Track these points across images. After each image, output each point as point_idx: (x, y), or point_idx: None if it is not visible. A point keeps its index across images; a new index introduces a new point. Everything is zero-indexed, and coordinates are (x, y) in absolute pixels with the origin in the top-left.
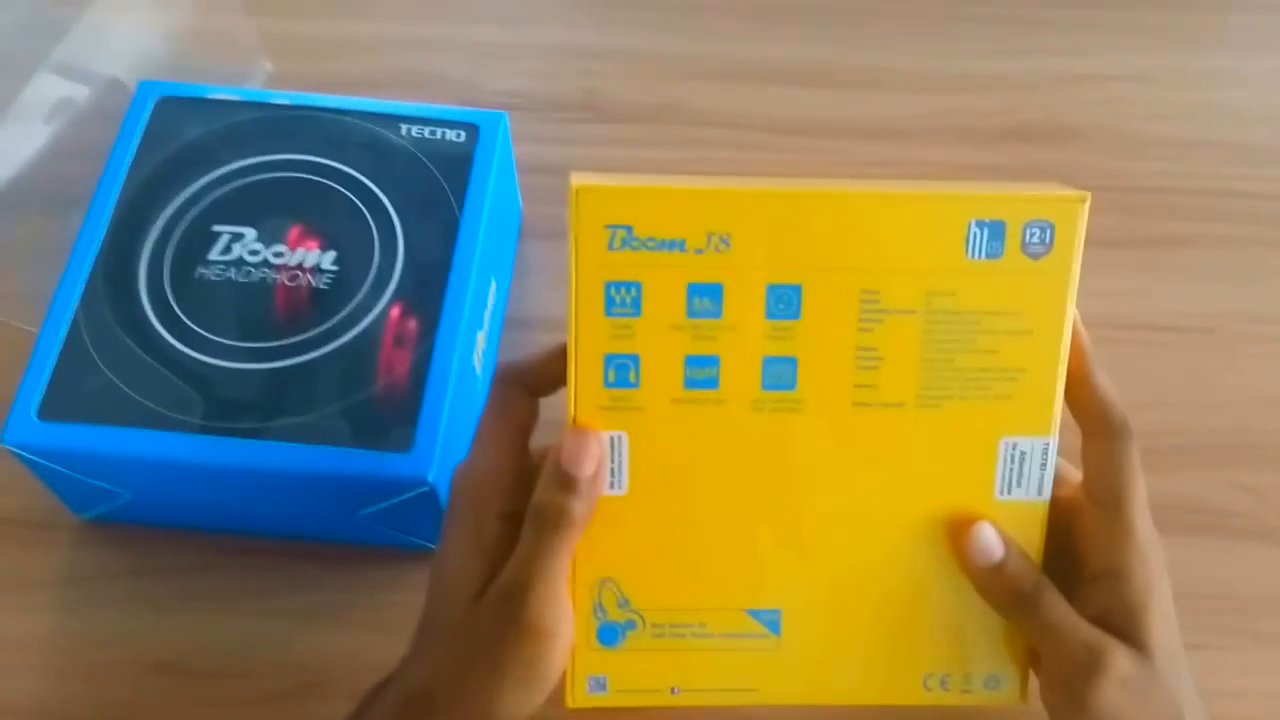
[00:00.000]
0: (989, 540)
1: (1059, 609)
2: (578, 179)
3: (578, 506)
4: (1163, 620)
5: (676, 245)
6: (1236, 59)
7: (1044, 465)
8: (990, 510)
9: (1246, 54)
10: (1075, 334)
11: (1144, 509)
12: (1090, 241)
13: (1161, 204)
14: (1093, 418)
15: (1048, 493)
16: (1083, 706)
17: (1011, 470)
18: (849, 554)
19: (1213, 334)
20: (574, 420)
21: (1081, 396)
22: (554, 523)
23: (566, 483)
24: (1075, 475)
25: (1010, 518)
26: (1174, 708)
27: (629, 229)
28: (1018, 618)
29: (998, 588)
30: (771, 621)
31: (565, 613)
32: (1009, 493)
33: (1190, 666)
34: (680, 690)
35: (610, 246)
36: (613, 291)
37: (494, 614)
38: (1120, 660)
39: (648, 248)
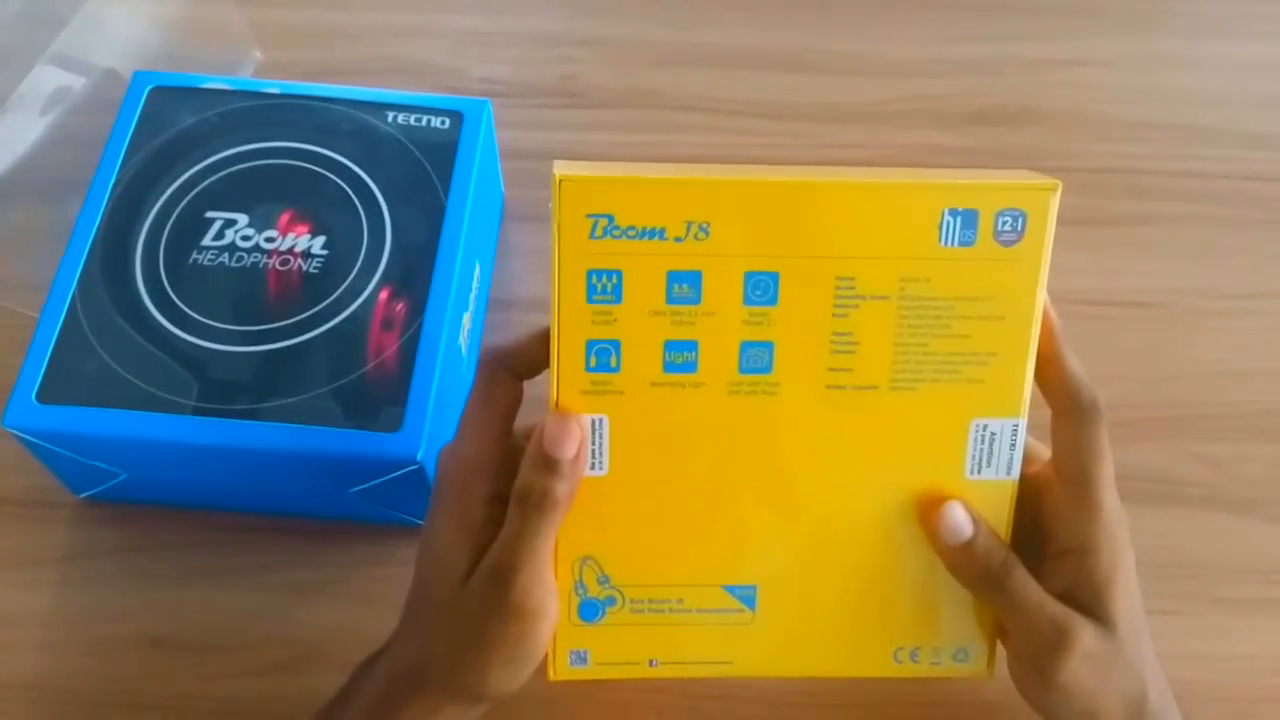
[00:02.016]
0: (959, 519)
1: (1026, 587)
2: (560, 170)
3: (561, 488)
4: (1126, 594)
5: (656, 234)
6: (1191, 44)
7: (1013, 445)
8: (960, 489)
9: (1200, 39)
10: (1045, 315)
11: (1111, 486)
12: None
13: (1120, 184)
14: (1062, 397)
15: (1016, 472)
16: (1049, 681)
17: (982, 450)
18: (823, 531)
19: (1170, 309)
20: (555, 404)
21: (1051, 376)
22: (538, 505)
23: (549, 465)
24: (1044, 452)
25: (979, 496)
26: (1136, 677)
27: (610, 218)
28: (986, 595)
29: (967, 566)
30: (747, 597)
31: (550, 592)
32: (979, 472)
33: (1151, 631)
34: (658, 663)
35: (592, 235)
36: (594, 279)
37: (482, 595)
38: (1085, 637)
39: (628, 236)
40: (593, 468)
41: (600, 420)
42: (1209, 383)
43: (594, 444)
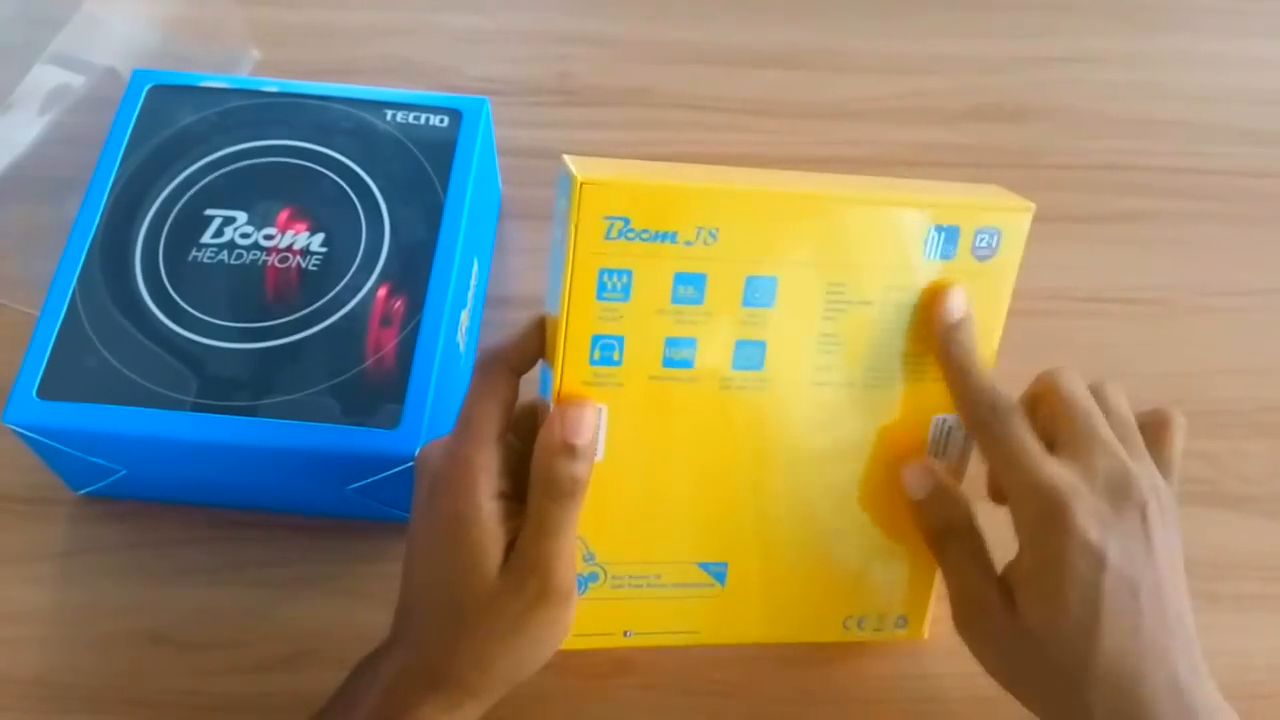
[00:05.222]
0: (919, 475)
1: (962, 555)
2: (576, 170)
3: (584, 471)
4: (1046, 599)
5: (669, 237)
6: (1189, 41)
7: (966, 438)
8: None
9: (1198, 36)
10: (960, 330)
11: (1033, 493)
12: (1048, 217)
13: (1116, 181)
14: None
15: (967, 460)
16: (963, 636)
17: (940, 442)
18: (791, 513)
19: (1168, 305)
20: (559, 394)
21: (954, 394)
22: (569, 492)
23: (571, 451)
24: None
25: None
26: (1073, 689)
27: (626, 221)
28: (935, 548)
29: (923, 519)
30: (719, 573)
31: (574, 570)
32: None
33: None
34: (632, 633)
35: (607, 236)
36: (605, 278)
37: (522, 587)
38: (992, 618)
39: (642, 239)
40: None
41: (600, 410)
42: (1207, 379)
43: None
